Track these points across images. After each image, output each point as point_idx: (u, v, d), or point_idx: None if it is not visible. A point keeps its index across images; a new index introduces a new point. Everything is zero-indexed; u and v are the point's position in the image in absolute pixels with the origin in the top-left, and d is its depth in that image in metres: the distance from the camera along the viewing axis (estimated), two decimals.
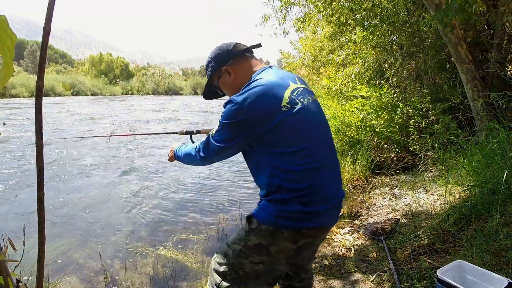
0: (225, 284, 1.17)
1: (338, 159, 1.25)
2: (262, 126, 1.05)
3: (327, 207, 1.10)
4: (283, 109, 1.06)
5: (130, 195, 4.08)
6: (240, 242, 1.16)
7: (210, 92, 1.35)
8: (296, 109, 1.08)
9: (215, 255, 1.26)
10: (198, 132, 1.82)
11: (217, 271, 1.21)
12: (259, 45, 1.28)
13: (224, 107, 1.11)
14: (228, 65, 1.21)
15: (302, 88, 1.16)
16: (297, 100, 1.10)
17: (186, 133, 1.86)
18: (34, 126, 0.59)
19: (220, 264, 1.20)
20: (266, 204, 1.11)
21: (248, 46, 1.26)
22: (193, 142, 1.50)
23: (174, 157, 1.45)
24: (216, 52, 1.24)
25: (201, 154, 1.23)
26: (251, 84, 1.10)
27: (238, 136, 1.10)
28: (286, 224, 1.07)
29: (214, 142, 1.15)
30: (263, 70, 1.18)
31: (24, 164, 5.31)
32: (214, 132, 1.16)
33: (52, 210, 3.48)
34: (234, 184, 4.61)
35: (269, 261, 1.14)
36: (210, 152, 1.18)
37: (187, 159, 1.34)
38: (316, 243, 1.24)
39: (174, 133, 2.03)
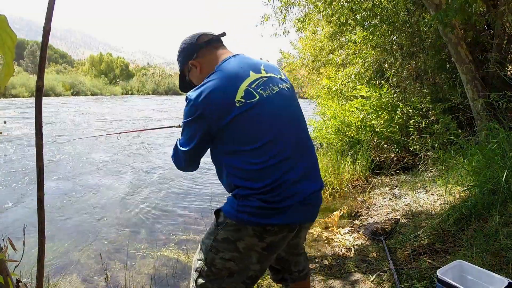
0: (200, 280, 1.15)
1: (312, 151, 1.18)
2: (218, 122, 1.01)
3: (292, 203, 1.04)
4: (237, 105, 1.00)
5: (131, 195, 4.08)
6: (210, 236, 1.14)
7: (185, 85, 1.31)
8: (252, 103, 1.02)
9: (196, 251, 1.24)
10: None
11: (194, 267, 1.19)
12: (223, 34, 1.24)
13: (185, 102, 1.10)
14: (194, 59, 1.19)
15: (266, 78, 1.10)
16: (255, 93, 1.04)
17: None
18: (42, 126, 0.59)
19: (197, 259, 1.19)
20: (231, 199, 1.09)
21: (214, 35, 1.21)
22: None
23: None
24: (182, 47, 1.22)
25: (173, 160, 1.22)
26: (207, 78, 1.06)
27: (198, 133, 1.06)
28: (248, 220, 1.04)
29: (180, 147, 1.13)
30: (225, 60, 1.12)
31: (26, 163, 5.31)
32: (180, 135, 1.14)
33: (53, 210, 3.48)
34: None
35: (240, 259, 1.10)
36: (180, 157, 1.16)
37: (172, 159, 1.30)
38: (292, 241, 1.20)
39: (172, 126, 2.03)
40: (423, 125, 4.02)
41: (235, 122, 1.01)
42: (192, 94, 1.04)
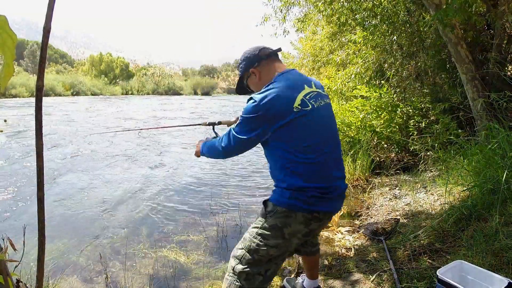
0: (240, 267, 1.30)
1: (342, 157, 1.42)
2: (276, 122, 1.22)
3: (334, 194, 1.28)
4: (295, 110, 1.23)
5: (132, 195, 4.07)
6: (257, 225, 1.31)
7: (242, 88, 1.55)
8: (307, 110, 1.25)
9: (239, 242, 1.40)
10: (219, 123, 1.93)
11: (234, 255, 1.35)
12: (279, 49, 1.48)
13: (247, 103, 1.29)
14: (254, 68, 1.41)
15: (316, 92, 1.33)
16: (308, 103, 1.26)
17: (209, 124, 1.95)
18: (42, 125, 0.59)
19: (239, 249, 1.35)
20: (281, 189, 1.27)
21: (272, 50, 1.45)
22: (215, 133, 1.74)
23: (200, 152, 1.58)
24: (245, 56, 1.44)
25: (223, 145, 1.38)
26: (270, 85, 1.28)
27: (256, 129, 1.26)
28: (299, 206, 1.23)
29: (235, 134, 1.31)
30: (284, 73, 1.35)
31: (29, 163, 5.31)
32: (235, 126, 1.33)
33: (53, 210, 3.47)
34: (234, 186, 4.62)
35: (283, 245, 1.28)
36: (232, 143, 1.34)
37: (212, 152, 1.49)
38: (322, 226, 1.42)
39: (198, 124, 2.13)
40: (423, 125, 4.02)
41: (291, 124, 1.22)
42: (257, 96, 1.26)
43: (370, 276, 2.01)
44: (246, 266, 1.28)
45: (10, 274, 0.88)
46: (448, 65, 4.25)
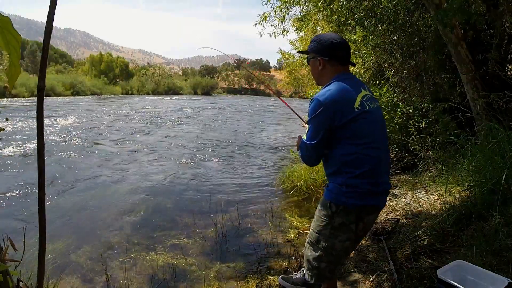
0: (323, 265, 1.45)
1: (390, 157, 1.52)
2: (339, 119, 1.32)
3: (381, 190, 1.37)
4: (355, 110, 1.34)
5: (131, 196, 4.07)
6: (327, 226, 1.41)
7: (301, 52, 1.67)
8: (365, 110, 1.36)
9: (307, 245, 1.51)
10: None
11: (313, 257, 1.46)
12: (354, 64, 1.54)
13: (310, 104, 1.39)
14: (323, 59, 1.45)
15: (370, 95, 1.44)
16: (366, 104, 1.38)
17: None
18: (43, 126, 0.58)
19: (314, 250, 1.46)
20: (337, 187, 1.36)
21: (348, 55, 1.48)
22: None
23: (298, 147, 1.62)
24: (326, 43, 1.44)
25: (300, 154, 1.50)
26: (330, 86, 1.39)
27: (322, 127, 1.34)
28: (355, 203, 1.33)
29: (307, 142, 1.40)
30: (341, 76, 1.43)
31: (31, 163, 5.31)
32: (305, 135, 1.42)
33: (53, 210, 3.47)
34: (233, 187, 4.61)
35: (353, 236, 1.41)
36: (306, 152, 1.43)
37: (301, 157, 1.55)
38: (375, 219, 1.52)
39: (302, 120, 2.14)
40: (423, 125, 4.02)
41: (353, 122, 1.33)
42: (319, 97, 1.36)
43: (370, 276, 2.01)
44: (328, 263, 1.44)
45: (10, 273, 0.88)
46: (448, 65, 4.25)
